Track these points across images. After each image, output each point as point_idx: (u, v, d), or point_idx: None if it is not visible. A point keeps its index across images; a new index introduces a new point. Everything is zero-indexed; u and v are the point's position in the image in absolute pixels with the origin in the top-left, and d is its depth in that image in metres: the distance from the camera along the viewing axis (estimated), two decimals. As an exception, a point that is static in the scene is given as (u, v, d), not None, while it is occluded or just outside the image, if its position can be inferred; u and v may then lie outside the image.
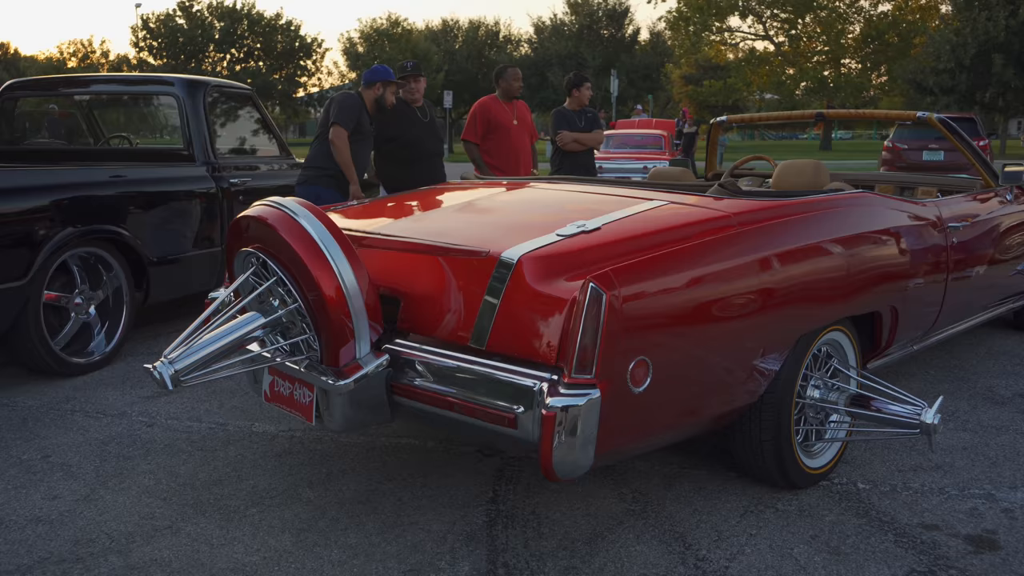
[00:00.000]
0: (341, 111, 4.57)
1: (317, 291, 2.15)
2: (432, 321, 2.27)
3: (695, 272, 2.24)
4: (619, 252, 2.21)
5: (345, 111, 4.56)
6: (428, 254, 2.38)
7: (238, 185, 4.98)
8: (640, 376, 2.04)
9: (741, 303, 2.33)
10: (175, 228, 4.55)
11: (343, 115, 4.56)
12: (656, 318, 2.11)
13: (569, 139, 5.89)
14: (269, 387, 2.54)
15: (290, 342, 2.32)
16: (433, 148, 5.09)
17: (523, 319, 2.09)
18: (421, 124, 5.04)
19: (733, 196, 2.74)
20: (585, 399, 1.94)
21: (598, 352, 1.95)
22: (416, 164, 4.96)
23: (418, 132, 5.00)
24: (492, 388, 2.07)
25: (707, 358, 2.27)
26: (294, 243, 2.15)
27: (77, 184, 4.06)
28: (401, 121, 4.99)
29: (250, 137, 5.60)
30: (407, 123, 4.99)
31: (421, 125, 5.04)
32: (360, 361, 2.22)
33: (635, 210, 2.57)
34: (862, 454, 3.01)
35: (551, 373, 2.00)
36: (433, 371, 2.20)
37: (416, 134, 4.99)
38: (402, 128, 4.97)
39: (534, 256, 2.17)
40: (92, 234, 4.03)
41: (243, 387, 3.74)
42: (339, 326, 2.17)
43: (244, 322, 2.25)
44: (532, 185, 3.33)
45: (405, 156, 4.97)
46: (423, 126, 5.05)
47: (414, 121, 5.02)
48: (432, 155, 5.07)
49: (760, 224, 2.52)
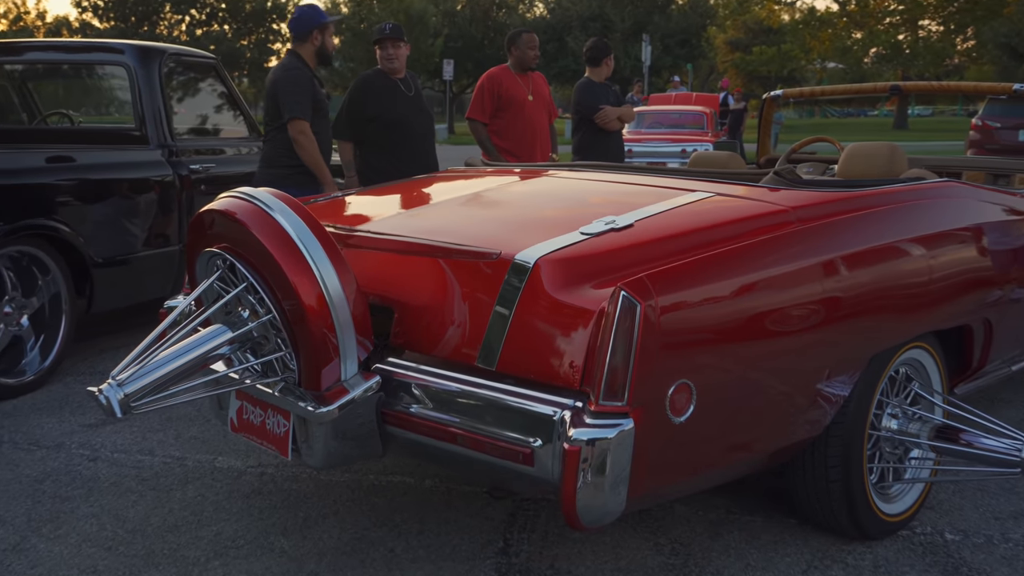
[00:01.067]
0: (292, 97, 4.41)
1: (295, 300, 2.15)
2: (432, 336, 2.27)
3: (746, 278, 2.23)
4: (656, 254, 2.21)
5: (296, 95, 4.41)
6: (427, 256, 2.38)
7: (200, 172, 5.00)
8: (681, 403, 2.04)
9: (802, 316, 2.32)
10: (124, 223, 4.57)
11: (297, 102, 4.41)
12: (700, 333, 2.10)
13: (615, 115, 5.89)
14: (236, 414, 2.54)
15: (262, 361, 2.32)
16: (422, 128, 5.04)
17: (541, 334, 2.09)
18: (405, 99, 4.98)
19: (791, 186, 2.73)
20: (615, 431, 1.94)
21: (631, 374, 1.94)
22: (401, 149, 4.92)
23: (402, 109, 4.95)
24: (503, 417, 2.07)
25: (761, 382, 2.26)
26: (268, 242, 2.15)
27: (6, 171, 4.08)
28: (380, 97, 4.93)
29: (214, 115, 5.63)
30: (387, 99, 4.94)
31: (405, 100, 4.98)
32: (346, 384, 2.21)
33: (674, 204, 2.57)
34: (950, 498, 2.99)
35: (575, 399, 2.00)
36: (433, 396, 2.20)
37: (400, 112, 4.94)
38: (382, 105, 4.91)
39: (554, 258, 2.17)
40: (24, 230, 4.05)
41: (205, 414, 3.74)
42: (321, 342, 2.17)
43: (207, 337, 2.25)
44: (551, 173, 3.33)
45: (387, 140, 4.91)
46: (408, 101, 4.99)
47: (396, 96, 4.96)
48: (421, 136, 5.02)
49: (824, 220, 2.51)
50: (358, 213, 3.07)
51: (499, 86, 5.46)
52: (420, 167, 4.61)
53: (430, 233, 2.48)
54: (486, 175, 3.42)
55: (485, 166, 3.74)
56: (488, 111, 5.46)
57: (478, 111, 5.48)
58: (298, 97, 4.42)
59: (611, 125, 5.90)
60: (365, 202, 3.27)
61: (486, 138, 5.46)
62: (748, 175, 3.18)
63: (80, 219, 4.31)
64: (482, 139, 5.48)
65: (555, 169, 3.46)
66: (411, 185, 3.47)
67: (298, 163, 4.48)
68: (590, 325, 2.02)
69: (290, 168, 4.49)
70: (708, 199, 2.63)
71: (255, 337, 2.31)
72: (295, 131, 4.41)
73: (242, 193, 2.28)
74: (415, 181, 3.56)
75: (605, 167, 3.41)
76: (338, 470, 3.15)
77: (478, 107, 5.48)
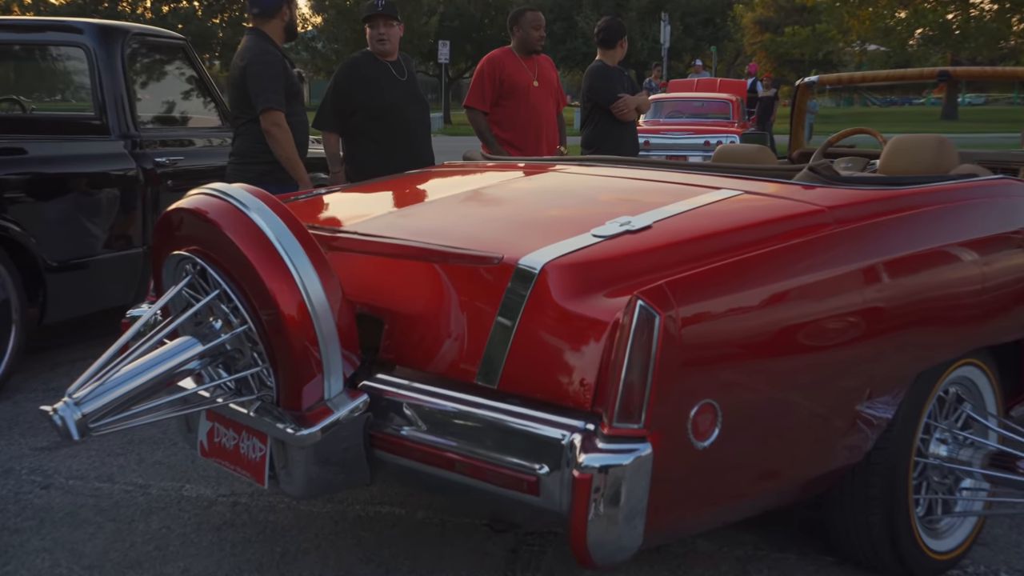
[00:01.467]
0: (265, 85, 4.39)
1: (273, 309, 2.15)
2: (426, 350, 2.27)
3: (778, 287, 2.23)
4: (676, 259, 2.22)
5: (269, 83, 4.39)
6: (421, 260, 2.39)
7: (167, 166, 5.01)
8: (705, 426, 2.04)
9: (840, 329, 2.32)
10: (82, 223, 4.58)
11: (270, 91, 4.38)
12: (726, 348, 2.11)
13: (632, 105, 5.91)
14: (207, 437, 2.54)
15: (236, 377, 2.32)
16: (416, 117, 5.04)
17: (548, 348, 2.10)
18: (398, 85, 4.98)
19: (828, 183, 2.74)
20: (631, 456, 1.94)
21: (649, 393, 1.95)
22: (393, 141, 4.91)
23: (394, 96, 4.94)
24: (506, 440, 2.08)
25: (794, 403, 2.26)
26: (243, 244, 2.16)
27: (-48, 164, 4.09)
28: (370, 83, 4.92)
29: (183, 102, 5.64)
30: (378, 85, 4.93)
31: (398, 86, 4.97)
32: (329, 403, 2.22)
33: (696, 203, 2.57)
34: (1006, 533, 2.99)
35: (586, 421, 2.00)
36: (427, 417, 2.20)
37: (392, 99, 4.93)
38: (370, 92, 4.90)
39: (563, 263, 2.17)
40: (-29, 231, 4.06)
41: (171, 437, 3.74)
42: (302, 356, 2.17)
43: (175, 350, 2.26)
44: (559, 168, 3.34)
45: (377, 131, 4.91)
46: (401, 87, 4.98)
47: (388, 81, 4.96)
48: (415, 127, 5.03)
49: (865, 221, 2.52)
50: (344, 212, 3.08)
51: (501, 71, 5.47)
52: (414, 161, 4.60)
53: (424, 235, 2.48)
54: (486, 170, 3.42)
55: (485, 160, 3.75)
56: (488, 99, 5.47)
57: (477, 99, 5.49)
58: (271, 85, 4.41)
59: (627, 115, 5.92)
60: (352, 200, 3.27)
61: (486, 129, 5.47)
62: (779, 171, 3.19)
63: (32, 218, 4.32)
64: (482, 130, 5.49)
65: (563, 164, 3.46)
66: (403, 181, 3.48)
67: (276, 158, 4.48)
68: (603, 338, 2.02)
69: (269, 164, 4.49)
70: (734, 197, 2.63)
71: (228, 351, 2.31)
72: (268, 123, 4.40)
73: (214, 190, 2.29)
74: (407, 177, 3.57)
75: (619, 162, 3.43)
76: (320, 500, 3.15)
77: (477, 94, 5.49)
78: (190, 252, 2.30)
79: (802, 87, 5.03)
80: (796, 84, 5.07)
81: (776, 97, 19.62)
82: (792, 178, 2.83)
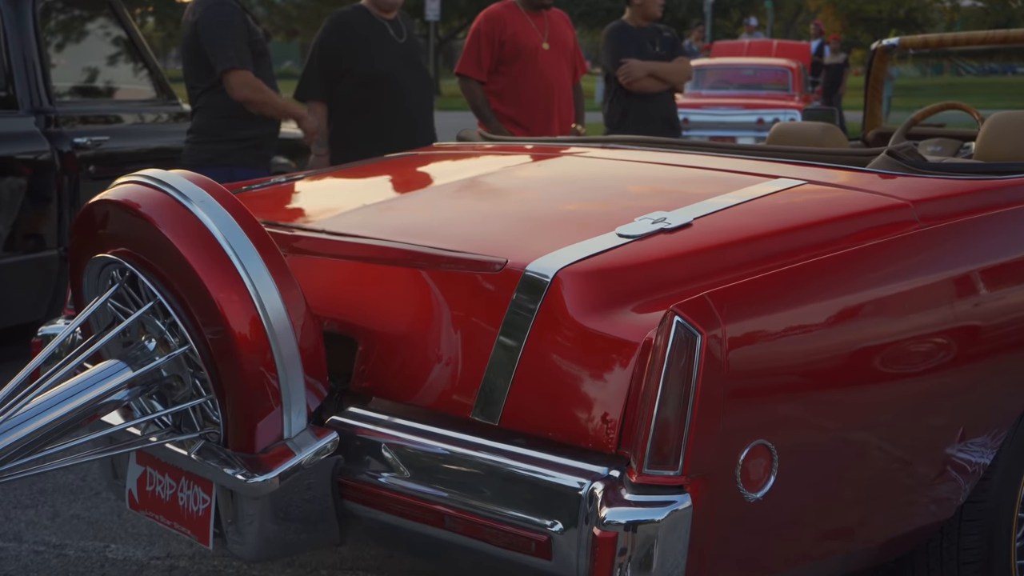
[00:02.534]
0: (223, 41, 4.43)
1: (220, 326, 2.15)
2: (409, 377, 2.27)
3: (848, 300, 2.23)
4: (723, 265, 2.22)
5: (229, 38, 4.44)
6: (404, 266, 2.39)
7: (88, 147, 5.02)
8: (758, 473, 2.03)
9: (926, 353, 2.32)
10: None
11: (230, 48, 4.43)
12: (784, 375, 2.11)
13: (641, 72, 5.92)
14: (138, 485, 2.53)
15: (174, 411, 2.32)
16: (418, 87, 5.07)
17: (562, 375, 2.10)
18: (395, 48, 5.02)
19: (912, 171, 2.74)
20: (666, 511, 1.93)
21: (688, 432, 1.94)
22: (387, 115, 4.94)
23: (391, 61, 4.98)
24: (510, 490, 2.07)
25: (868, 444, 2.26)
26: (183, 246, 2.16)
27: None
28: (361, 43, 4.96)
29: (108, 69, 5.64)
30: (372, 47, 4.97)
31: (395, 49, 5.01)
32: (290, 444, 2.21)
33: (747, 195, 2.57)
34: None
35: (609, 467, 2.00)
36: (410, 461, 2.20)
37: (389, 65, 4.97)
38: (360, 56, 4.94)
39: (581, 270, 2.17)
40: None
41: (93, 485, 3.74)
42: (256, 385, 2.17)
43: (98, 377, 2.25)
44: (575, 151, 3.35)
45: (370, 103, 4.94)
46: (398, 51, 5.03)
47: (384, 43, 4.99)
48: (415, 100, 5.06)
49: (958, 219, 2.52)
50: (310, 206, 3.09)
51: (501, 30, 5.47)
52: (414, 139, 4.62)
53: (408, 234, 2.48)
54: (485, 154, 3.44)
55: (484, 142, 3.76)
56: (486, 65, 5.47)
57: (472, 65, 5.49)
58: (232, 41, 4.45)
59: (640, 85, 5.92)
60: (319, 190, 3.28)
61: (483, 102, 5.48)
62: (851, 155, 3.18)
63: (-78, 212, 4.33)
64: (477, 104, 5.49)
65: (581, 146, 3.46)
66: (383, 168, 3.48)
67: (247, 135, 4.55)
68: (631, 363, 2.02)
69: (236, 142, 4.54)
70: (795, 189, 2.63)
71: (164, 378, 2.31)
72: (237, 84, 4.45)
73: (147, 177, 2.28)
74: (388, 162, 3.57)
75: (651, 144, 3.43)
76: (278, 563, 3.14)
77: (472, 59, 5.49)
78: (117, 255, 2.30)
79: (880, 52, 5.02)
80: (872, 48, 5.06)
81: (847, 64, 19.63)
82: (867, 165, 2.83)
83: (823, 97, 18.04)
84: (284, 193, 3.23)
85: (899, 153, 2.86)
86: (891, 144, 3.02)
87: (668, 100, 6.11)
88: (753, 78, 16.32)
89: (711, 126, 14.37)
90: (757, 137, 13.45)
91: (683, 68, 6.13)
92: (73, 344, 2.51)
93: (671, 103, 6.18)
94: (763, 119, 14.11)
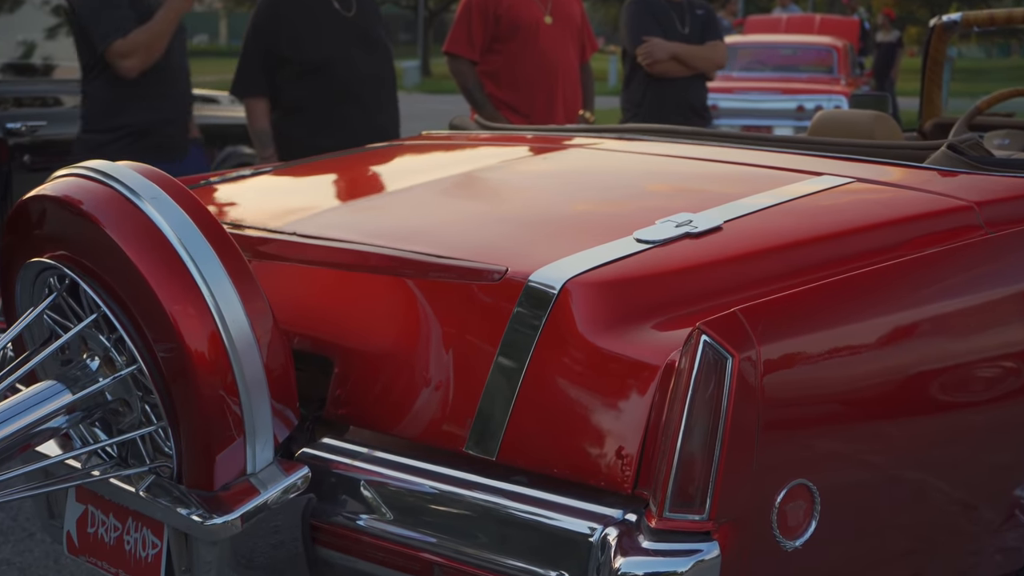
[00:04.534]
0: (98, 13, 4.49)
1: (174, 342, 2.14)
2: (393, 404, 2.27)
3: (902, 317, 2.23)
4: (757, 275, 2.22)
5: (104, 8, 4.49)
6: (388, 274, 2.38)
7: (22, 133, 5.02)
8: (797, 517, 2.02)
9: (992, 378, 2.33)
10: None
11: (106, 20, 4.47)
12: (828, 404, 2.10)
13: (664, 54, 5.93)
14: (77, 526, 2.53)
15: (120, 440, 2.31)
16: (371, 71, 5.07)
17: (569, 403, 2.09)
18: (343, 25, 5.00)
19: (976, 169, 2.75)
20: (690, 561, 1.91)
21: (717, 469, 1.92)
22: (343, 106, 4.96)
23: (338, 41, 4.97)
24: (509, 536, 2.06)
25: (924, 484, 2.26)
26: (131, 249, 2.14)
27: None
28: (305, 23, 4.93)
29: (45, 43, 5.65)
30: (314, 25, 4.95)
31: (344, 27, 5.00)
32: (254, 480, 2.20)
33: (786, 194, 2.58)
34: None
35: (624, 509, 1.98)
36: (393, 501, 2.19)
37: (337, 47, 4.96)
38: (304, 39, 4.91)
39: (593, 280, 2.17)
40: None
41: (26, 526, 3.74)
42: (214, 411, 2.16)
43: (32, 400, 2.24)
44: (584, 143, 3.36)
45: (313, 93, 4.94)
46: (345, 28, 5.01)
47: (329, 20, 4.98)
48: (371, 85, 5.06)
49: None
50: (278, 204, 3.09)
51: (497, 2, 5.51)
52: (367, 134, 4.59)
53: (393, 238, 2.48)
54: (481, 145, 3.46)
55: (479, 131, 3.78)
56: (478, 42, 5.51)
57: (462, 42, 5.53)
58: (109, 11, 4.47)
59: (661, 68, 5.91)
60: (289, 186, 3.30)
61: (476, 85, 5.52)
62: (906, 149, 3.18)
63: None
64: (469, 87, 5.53)
65: (592, 136, 3.47)
66: (362, 160, 3.50)
67: (121, 123, 4.57)
68: (651, 389, 2.01)
69: (109, 132, 4.56)
70: (841, 187, 2.64)
71: (109, 402, 2.30)
72: (118, 58, 4.47)
73: (91, 169, 2.27)
74: (369, 153, 3.60)
75: (674, 134, 3.44)
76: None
77: (463, 36, 5.53)
78: (55, 260, 2.29)
79: (939, 29, 5.03)
80: (931, 24, 5.06)
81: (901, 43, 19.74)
82: (924, 160, 2.84)
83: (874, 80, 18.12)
84: (249, 189, 3.24)
85: (962, 147, 2.86)
86: (952, 136, 3.03)
87: (698, 86, 6.15)
88: (792, 58, 16.40)
89: (744, 113, 14.46)
90: (797, 127, 13.55)
91: (713, 53, 6.13)
92: (3, 362, 2.50)
93: (701, 89, 6.20)
94: (804, 106, 14.22)
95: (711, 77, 6.33)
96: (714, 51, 6.16)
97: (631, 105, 6.08)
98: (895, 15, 21.02)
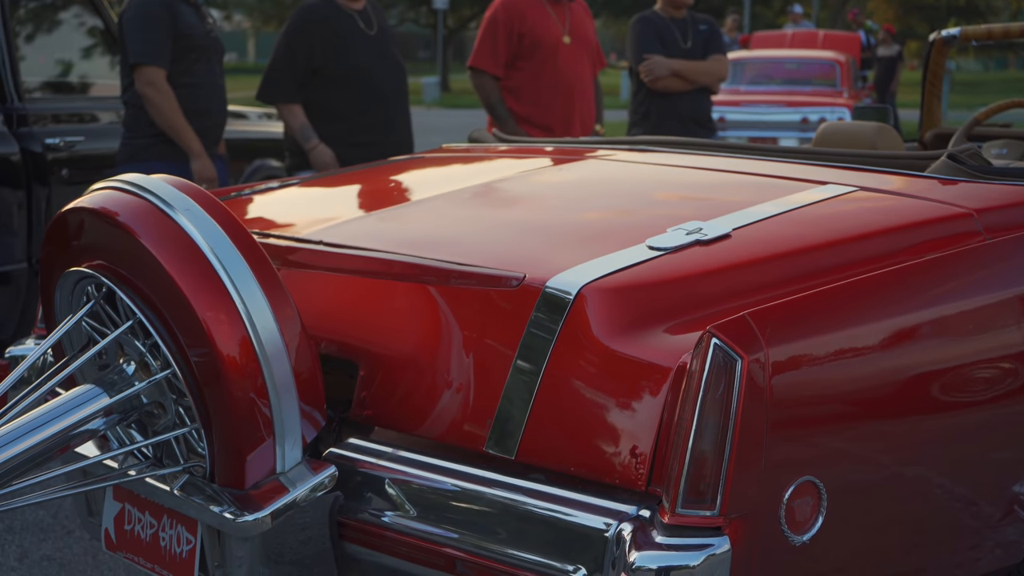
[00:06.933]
0: (134, 34, 4.60)
1: (207, 348, 2.15)
2: (416, 406, 2.27)
3: (905, 320, 2.23)
4: (765, 281, 2.22)
5: (141, 31, 4.60)
6: (411, 281, 2.39)
7: (61, 148, 5.03)
8: (805, 513, 2.02)
9: (992, 379, 2.32)
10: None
11: (138, 41, 4.59)
12: (834, 404, 2.10)
13: (664, 71, 5.94)
14: (115, 524, 2.53)
15: (155, 442, 2.32)
16: (392, 85, 5.13)
17: (585, 403, 2.09)
18: (365, 41, 5.07)
19: (975, 177, 2.74)
20: (702, 555, 1.92)
21: (727, 467, 1.93)
22: (359, 117, 5.01)
23: (363, 56, 5.03)
24: (527, 532, 2.06)
25: (927, 481, 2.25)
26: (165, 259, 2.16)
27: None
28: (326, 38, 5.00)
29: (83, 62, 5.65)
30: (342, 41, 5.01)
31: (365, 43, 5.06)
32: (283, 479, 2.21)
33: (792, 203, 2.58)
34: None
35: (638, 506, 1.99)
36: (416, 499, 2.19)
37: (359, 59, 5.03)
38: (327, 52, 4.99)
39: (608, 286, 2.17)
40: None
41: (66, 523, 3.74)
42: (245, 413, 2.17)
43: (72, 403, 2.25)
44: (600, 154, 3.34)
45: (339, 103, 5.01)
46: (369, 44, 5.08)
47: (355, 36, 5.04)
48: (390, 98, 5.12)
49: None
50: (305, 215, 3.09)
51: (520, 20, 5.48)
52: (387, 145, 4.69)
53: (415, 246, 2.48)
54: (500, 157, 3.44)
55: (498, 143, 3.76)
56: (502, 59, 5.49)
57: (487, 58, 5.51)
58: (144, 35, 4.58)
59: (663, 84, 5.92)
60: (315, 198, 3.28)
61: (498, 100, 5.50)
62: (907, 159, 3.17)
63: None
64: (492, 101, 5.51)
65: (606, 148, 3.46)
66: (386, 172, 3.48)
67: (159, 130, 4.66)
68: (663, 391, 2.02)
69: (152, 137, 4.68)
70: (845, 196, 2.63)
71: (145, 405, 2.31)
72: (140, 82, 4.59)
73: (126, 183, 2.28)
74: (392, 166, 3.58)
75: (684, 146, 3.43)
76: (269, 612, 3.13)
77: (487, 52, 5.51)
78: (93, 269, 2.29)
79: (938, 43, 5.00)
80: (930, 39, 5.05)
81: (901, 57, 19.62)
82: (925, 169, 2.83)
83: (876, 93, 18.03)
84: (277, 200, 3.23)
85: (961, 156, 2.86)
86: (951, 146, 3.01)
87: (701, 99, 6.10)
88: (797, 72, 16.30)
89: (750, 126, 14.36)
90: (802, 138, 13.43)
91: (715, 68, 6.09)
92: (44, 367, 2.51)
93: (704, 102, 6.16)
94: (808, 118, 14.12)
95: (715, 90, 6.33)
96: (715, 66, 6.12)
97: (637, 118, 6.05)
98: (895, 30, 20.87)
